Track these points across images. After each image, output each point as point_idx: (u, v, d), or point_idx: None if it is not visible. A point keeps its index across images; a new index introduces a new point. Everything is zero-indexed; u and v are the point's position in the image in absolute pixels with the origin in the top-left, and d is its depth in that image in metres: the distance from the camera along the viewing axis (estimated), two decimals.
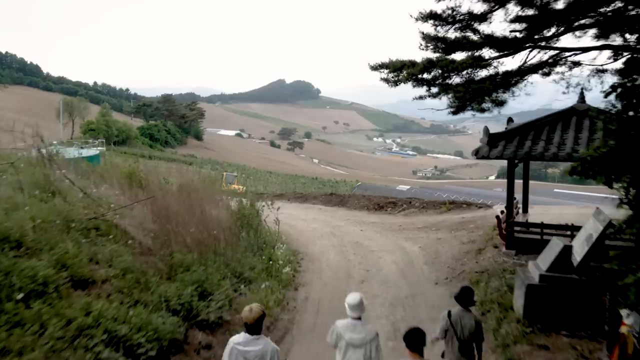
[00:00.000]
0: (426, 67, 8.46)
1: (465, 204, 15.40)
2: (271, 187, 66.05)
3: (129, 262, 5.51)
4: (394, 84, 8.89)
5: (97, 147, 33.07)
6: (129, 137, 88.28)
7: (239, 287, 6.99)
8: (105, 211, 6.70)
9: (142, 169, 14.33)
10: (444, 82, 9.14)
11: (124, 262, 5.45)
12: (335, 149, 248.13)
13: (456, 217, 13.83)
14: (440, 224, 13.36)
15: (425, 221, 14.11)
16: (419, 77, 8.61)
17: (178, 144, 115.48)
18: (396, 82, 8.83)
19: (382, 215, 16.13)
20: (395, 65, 8.73)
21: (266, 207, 11.92)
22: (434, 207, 15.64)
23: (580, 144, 8.31)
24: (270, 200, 21.71)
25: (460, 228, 12.53)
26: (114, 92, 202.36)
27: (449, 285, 8.18)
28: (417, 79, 8.66)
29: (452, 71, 8.40)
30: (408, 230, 13.31)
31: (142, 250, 6.35)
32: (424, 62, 8.55)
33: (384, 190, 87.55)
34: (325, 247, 11.66)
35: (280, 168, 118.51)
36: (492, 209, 14.38)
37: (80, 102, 73.65)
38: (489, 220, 12.75)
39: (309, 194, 20.56)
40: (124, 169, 13.63)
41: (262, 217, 12.19)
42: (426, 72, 8.60)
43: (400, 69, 8.70)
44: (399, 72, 8.76)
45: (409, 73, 8.49)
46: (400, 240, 12.09)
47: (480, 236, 11.16)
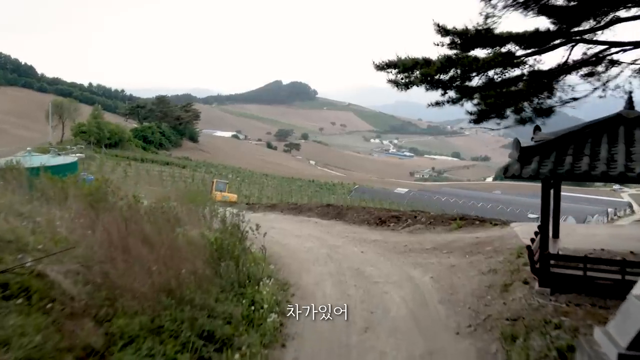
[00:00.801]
0: (444, 65, 6.91)
1: (477, 220, 13.78)
2: (266, 191, 64.38)
3: (38, 342, 3.87)
4: (405, 87, 7.33)
5: (77, 153, 31.21)
6: (121, 140, 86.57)
7: (206, 356, 5.33)
8: (26, 259, 5.05)
9: (112, 183, 12.71)
10: (462, 84, 7.52)
11: (31, 342, 3.83)
12: (332, 150, 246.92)
13: (469, 237, 12.22)
14: (452, 245, 11.74)
15: (434, 241, 12.49)
16: (435, 79, 7.01)
17: (172, 146, 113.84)
18: (407, 84, 7.27)
19: (384, 231, 14.52)
20: (405, 64, 7.16)
21: (253, 231, 10.29)
22: (442, 223, 14.03)
23: (635, 160, 6.72)
24: (263, 212, 20.15)
25: (475, 251, 10.92)
26: (109, 93, 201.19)
27: (474, 338, 6.57)
28: (433, 81, 7.06)
29: (477, 70, 6.82)
30: (415, 252, 11.69)
31: (73, 311, 4.70)
32: (441, 60, 6.99)
33: (381, 193, 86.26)
34: (321, 275, 10.04)
35: (276, 170, 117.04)
36: (509, 227, 12.76)
37: (70, 103, 71.72)
38: (507, 241, 11.16)
39: (304, 205, 18.95)
40: (90, 184, 12.02)
41: (247, 243, 10.60)
42: (443, 72, 7.00)
43: (412, 69, 7.15)
44: (410, 72, 7.19)
45: (423, 73, 6.91)
46: (407, 266, 10.47)
47: (502, 264, 9.55)
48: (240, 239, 10.24)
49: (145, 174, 58.76)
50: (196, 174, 67.96)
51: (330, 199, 67.85)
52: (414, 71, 7.32)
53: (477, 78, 7.49)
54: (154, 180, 54.97)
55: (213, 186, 28.99)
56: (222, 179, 76.14)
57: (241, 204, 22.68)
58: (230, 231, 10.24)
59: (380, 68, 7.61)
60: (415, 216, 15.00)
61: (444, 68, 7.01)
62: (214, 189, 28.58)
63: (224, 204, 23.24)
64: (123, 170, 58.48)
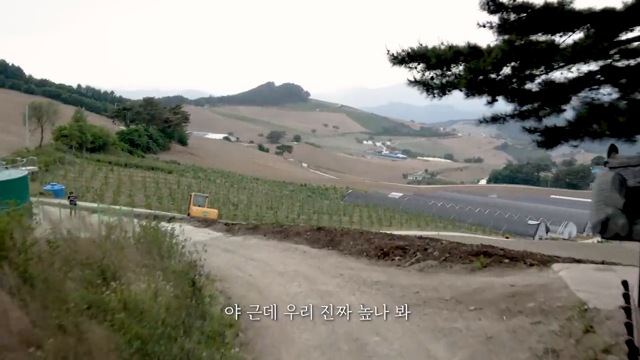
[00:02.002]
0: (507, 54, 4.16)
1: (506, 256, 10.97)
2: (256, 197, 61.48)
3: None
4: (440, 92, 4.65)
5: (29, 165, 28.14)
6: (106, 143, 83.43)
7: None
8: None
9: (22, 219, 9.83)
10: (521, 87, 4.78)
11: None
12: (325, 152, 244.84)
13: (500, 284, 9.48)
14: (480, 297, 9.00)
15: (454, 287, 9.76)
16: (489, 78, 4.30)
17: (161, 150, 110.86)
18: (444, 87, 4.56)
19: (388, 268, 11.77)
20: (440, 55, 4.46)
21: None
22: (460, 258, 11.27)
23: None
24: (243, 235, 17.37)
25: (514, 309, 8.17)
26: (99, 94, 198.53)
27: None
28: (485, 82, 4.35)
29: (570, 61, 4.10)
30: (432, 306, 8.95)
31: None
32: (502, 46, 4.25)
33: (375, 198, 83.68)
34: (308, 351, 7.29)
35: (267, 174, 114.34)
36: (551, 270, 9.99)
37: (49, 105, 68.44)
38: (555, 294, 8.41)
39: (291, 227, 16.18)
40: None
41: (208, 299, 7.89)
42: (501, 67, 4.29)
43: (451, 62, 4.43)
44: (447, 67, 4.46)
45: (472, 68, 4.20)
46: (425, 334, 7.74)
47: (561, 337, 6.82)
48: (198, 302, 7.50)
49: (127, 180, 55.74)
50: (182, 180, 64.98)
51: (322, 204, 65.19)
52: (454, 66, 4.70)
53: (540, 77, 4.87)
54: (137, 187, 52.01)
55: (191, 200, 26.19)
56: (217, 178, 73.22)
57: (220, 222, 19.91)
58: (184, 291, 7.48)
59: (399, 61, 4.97)
60: (425, 248, 12.24)
61: (506, 59, 4.36)
62: (192, 204, 25.79)
63: (202, 223, 20.47)
64: (104, 176, 55.46)
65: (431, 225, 57.16)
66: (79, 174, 54.37)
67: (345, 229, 15.29)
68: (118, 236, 11.81)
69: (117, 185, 50.32)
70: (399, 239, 13.80)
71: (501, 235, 57.61)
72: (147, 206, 41.26)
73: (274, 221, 44.35)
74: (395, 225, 53.22)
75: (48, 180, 44.76)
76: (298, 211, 52.76)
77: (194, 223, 20.66)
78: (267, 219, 44.92)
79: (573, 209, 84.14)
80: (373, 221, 53.47)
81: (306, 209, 56.41)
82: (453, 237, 46.73)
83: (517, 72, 4.74)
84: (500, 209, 76.15)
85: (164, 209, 41.14)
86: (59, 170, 53.90)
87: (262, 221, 43.92)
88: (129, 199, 43.02)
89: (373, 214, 58.42)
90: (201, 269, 11.85)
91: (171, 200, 46.93)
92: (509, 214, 72.19)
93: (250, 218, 44.17)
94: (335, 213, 55.62)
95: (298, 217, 49.00)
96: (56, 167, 54.47)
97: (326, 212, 55.20)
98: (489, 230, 60.54)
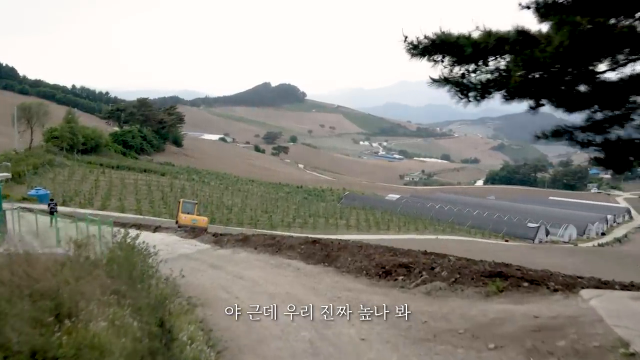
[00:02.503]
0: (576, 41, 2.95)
1: (525, 279, 9.71)
2: (251, 200, 60.13)
3: None
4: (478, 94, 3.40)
5: (2, 172, 26.64)
6: (98, 145, 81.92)
7: None
8: None
9: None
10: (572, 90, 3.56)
11: None
12: (321, 153, 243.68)
13: (521, 313, 8.27)
14: (499, 331, 7.80)
15: (468, 316, 8.55)
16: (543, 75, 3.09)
17: (155, 151, 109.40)
18: (485, 87, 3.35)
19: (390, 289, 10.56)
20: (478, 42, 3.24)
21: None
22: (472, 280, 10.04)
23: None
24: (232, 248, 16.10)
25: (544, 351, 6.97)
26: (93, 95, 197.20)
27: None
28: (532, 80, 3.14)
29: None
30: (443, 342, 7.75)
31: None
32: (566, 32, 3.02)
33: (372, 200, 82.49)
34: None
35: (263, 175, 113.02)
36: (580, 297, 8.74)
37: (39, 106, 66.89)
38: (588, 330, 7.23)
39: (284, 241, 14.96)
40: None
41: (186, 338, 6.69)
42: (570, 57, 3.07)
43: (492, 53, 3.20)
44: (485, 59, 3.26)
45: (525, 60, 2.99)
46: None
47: None
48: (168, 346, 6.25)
49: (119, 183, 54.27)
50: (176, 182, 63.59)
51: (319, 207, 63.87)
52: (495, 59, 3.51)
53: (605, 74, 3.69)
54: (128, 191, 50.57)
55: (179, 207, 24.90)
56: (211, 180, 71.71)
57: (208, 233, 18.63)
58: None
59: (421, 51, 3.77)
60: (432, 266, 11.01)
61: (572, 49, 3.15)
62: (181, 211, 24.51)
63: (189, 233, 19.22)
64: (95, 179, 53.96)
65: (429, 229, 56.01)
66: (68, 177, 52.89)
67: (343, 242, 14.03)
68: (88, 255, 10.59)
69: (108, 189, 48.90)
70: (402, 254, 12.55)
71: (501, 239, 56.53)
72: (137, 211, 39.91)
73: (269, 225, 43.12)
74: (393, 228, 52.04)
75: (36, 183, 43.36)
76: (294, 215, 51.47)
77: (181, 233, 19.40)
78: (261, 223, 43.62)
79: (572, 210, 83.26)
80: (370, 225, 52.23)
81: (302, 212, 55.13)
82: (453, 241, 45.62)
83: (576, 67, 3.56)
84: (499, 211, 75.09)
85: (155, 214, 39.79)
86: (47, 173, 52.38)
87: (256, 225, 42.64)
88: (118, 203, 41.65)
89: (370, 217, 57.18)
90: (180, 292, 10.64)
91: (163, 204, 45.58)
92: (508, 216, 71.13)
93: (244, 222, 42.88)
94: (332, 216, 54.35)
95: (294, 220, 47.72)
96: (45, 169, 52.91)
97: (322, 216, 53.92)
98: (488, 233, 59.44)
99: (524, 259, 31.10)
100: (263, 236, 15.80)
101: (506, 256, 31.47)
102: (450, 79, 3.78)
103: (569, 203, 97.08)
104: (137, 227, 21.27)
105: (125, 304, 7.26)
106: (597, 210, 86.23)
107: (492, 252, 35.04)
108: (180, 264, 15.10)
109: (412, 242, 40.66)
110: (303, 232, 39.86)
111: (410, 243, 38.59)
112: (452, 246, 39.82)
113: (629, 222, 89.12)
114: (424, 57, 3.86)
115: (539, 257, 34.81)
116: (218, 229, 31.53)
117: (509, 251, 39.21)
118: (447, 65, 3.81)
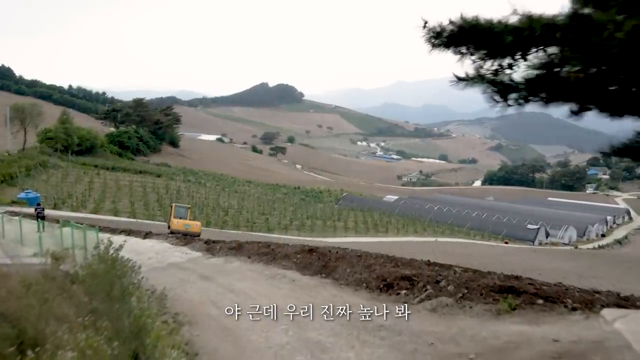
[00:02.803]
0: None
1: (539, 295, 8.97)
2: (247, 202, 59.33)
3: None
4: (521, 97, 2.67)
5: None
6: (94, 146, 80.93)
7: None
8: None
9: None
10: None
11: None
12: (319, 153, 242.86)
13: (538, 337, 7.52)
14: (514, 356, 7.06)
15: (478, 337, 7.81)
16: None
17: (151, 152, 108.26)
18: (532, 85, 2.61)
19: (393, 305, 9.77)
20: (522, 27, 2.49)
21: None
22: (481, 296, 9.29)
23: None
24: (225, 257, 15.35)
25: None
26: (90, 95, 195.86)
27: None
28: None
29: None
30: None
31: None
32: None
33: (370, 202, 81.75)
34: None
35: (261, 176, 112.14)
36: (602, 318, 8.01)
37: (33, 107, 65.90)
38: (616, 357, 6.50)
39: (279, 249, 14.22)
40: None
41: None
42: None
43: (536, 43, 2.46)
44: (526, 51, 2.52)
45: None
46: None
47: None
48: None
49: (113, 184, 53.41)
50: (172, 183, 62.74)
51: (316, 209, 63.10)
52: (538, 50, 2.80)
53: None
54: (122, 193, 49.72)
55: (172, 212, 24.11)
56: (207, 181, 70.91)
57: (200, 241, 17.87)
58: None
59: (444, 41, 3.02)
60: (437, 280, 10.27)
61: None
62: (173, 216, 23.72)
63: (180, 240, 18.46)
64: (89, 180, 53.10)
65: (428, 231, 55.29)
66: (62, 179, 51.99)
67: (341, 252, 13.29)
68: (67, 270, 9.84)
69: (102, 191, 48.02)
70: (404, 265, 11.81)
71: (501, 241, 55.88)
72: (131, 214, 39.06)
73: (266, 228, 42.31)
74: (391, 231, 51.28)
75: (28, 185, 42.52)
76: (291, 217, 50.64)
77: (172, 240, 18.64)
78: (258, 226, 42.85)
79: (571, 211, 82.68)
80: (369, 227, 51.45)
81: (299, 214, 54.32)
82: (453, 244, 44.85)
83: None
84: (498, 212, 74.43)
85: (149, 217, 38.96)
86: (40, 174, 51.47)
87: (252, 228, 41.83)
88: (112, 206, 40.81)
89: (368, 219, 56.37)
90: (167, 308, 9.92)
91: (158, 206, 44.73)
92: (507, 218, 70.49)
93: (240, 225, 42.10)
94: (329, 218, 53.55)
95: (291, 223, 46.93)
96: (38, 171, 51.98)
97: (320, 217, 53.12)
98: (487, 235, 58.74)
99: (526, 264, 30.44)
100: (257, 244, 15.05)
101: (508, 261, 30.80)
102: (485, 77, 3.03)
103: (568, 204, 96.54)
104: (127, 233, 20.51)
105: (102, 326, 6.50)
106: (597, 211, 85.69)
107: (493, 256, 34.39)
108: (169, 274, 14.38)
109: (412, 245, 39.91)
110: (300, 235, 39.10)
111: (409, 246, 37.86)
112: (452, 249, 39.12)
113: (628, 223, 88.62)
114: (449, 48, 3.11)
115: (541, 261, 34.13)
116: (213, 232, 30.75)
117: (510, 255, 38.55)
118: (477, 59, 3.08)
